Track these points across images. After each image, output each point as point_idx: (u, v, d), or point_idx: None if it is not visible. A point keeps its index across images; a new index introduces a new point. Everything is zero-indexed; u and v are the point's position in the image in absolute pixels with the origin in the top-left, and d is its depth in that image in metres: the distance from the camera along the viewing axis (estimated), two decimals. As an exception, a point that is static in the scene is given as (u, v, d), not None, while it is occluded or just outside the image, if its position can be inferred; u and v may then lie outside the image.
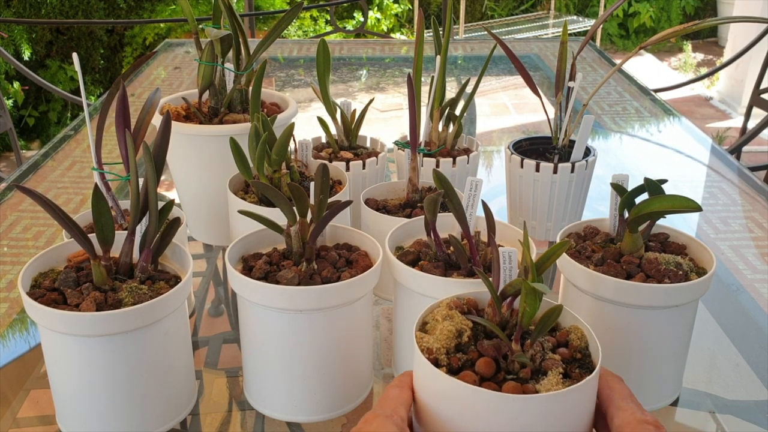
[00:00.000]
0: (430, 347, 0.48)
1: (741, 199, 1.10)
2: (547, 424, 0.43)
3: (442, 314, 0.50)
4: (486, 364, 0.47)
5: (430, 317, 0.51)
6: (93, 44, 3.66)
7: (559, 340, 0.51)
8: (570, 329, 0.51)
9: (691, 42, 4.87)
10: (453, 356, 0.48)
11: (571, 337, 0.51)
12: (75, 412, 0.59)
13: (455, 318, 0.50)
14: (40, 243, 0.93)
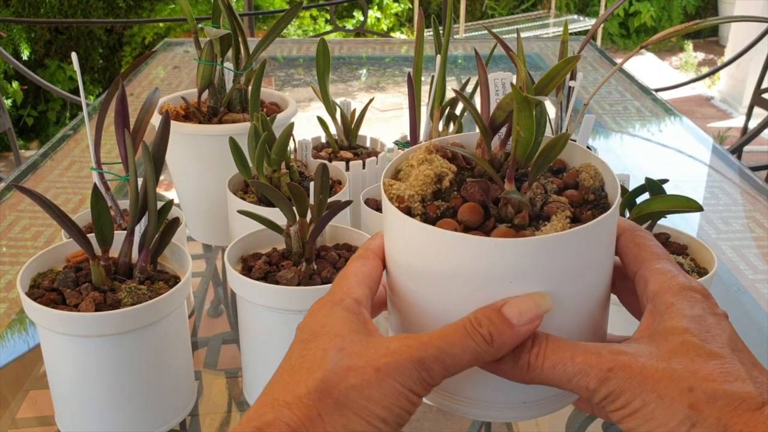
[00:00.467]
0: (401, 195, 0.39)
1: (742, 199, 1.09)
2: (550, 280, 0.34)
3: (419, 158, 0.41)
4: (471, 210, 0.37)
5: (404, 164, 0.42)
6: (92, 44, 3.66)
7: (566, 181, 0.41)
8: (581, 168, 0.41)
9: (692, 41, 4.87)
10: (430, 204, 0.39)
11: (582, 176, 0.41)
12: (74, 413, 0.58)
13: (435, 162, 0.41)
14: (38, 243, 0.93)
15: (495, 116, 0.39)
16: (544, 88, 0.38)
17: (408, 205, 0.38)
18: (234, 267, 0.60)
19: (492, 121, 0.39)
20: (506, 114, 0.38)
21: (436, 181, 0.39)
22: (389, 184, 0.40)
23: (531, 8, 4.84)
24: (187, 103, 0.87)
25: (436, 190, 0.39)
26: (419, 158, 0.41)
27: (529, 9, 4.83)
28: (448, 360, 0.32)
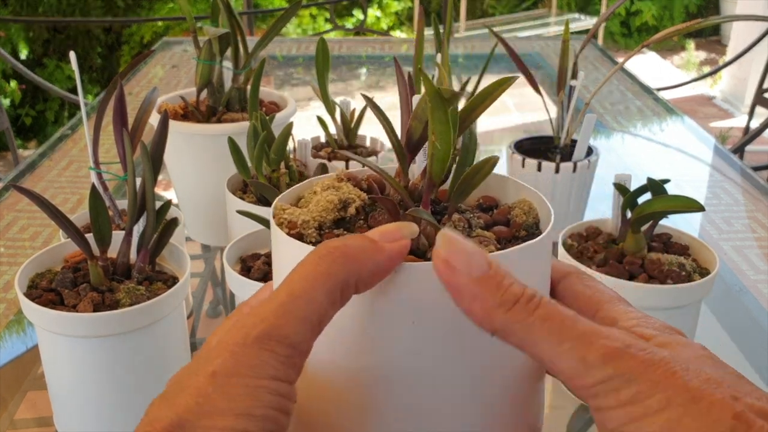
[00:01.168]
0: (293, 220, 0.33)
1: (744, 199, 1.09)
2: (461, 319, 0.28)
3: (324, 185, 0.35)
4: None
5: (307, 191, 0.36)
6: (90, 43, 3.66)
7: (496, 219, 0.36)
8: (514, 204, 0.36)
9: (693, 40, 4.86)
10: (328, 232, 0.33)
11: (514, 213, 0.36)
12: (72, 414, 0.58)
13: (343, 188, 0.35)
14: (37, 243, 0.93)
15: (411, 129, 0.33)
16: (472, 112, 0.33)
17: (300, 232, 0.33)
18: (233, 267, 0.60)
19: (409, 137, 0.33)
20: (423, 124, 0.32)
21: (340, 207, 0.34)
22: (281, 208, 0.34)
23: (532, 7, 4.84)
24: (185, 103, 0.86)
25: (339, 217, 0.34)
26: (325, 185, 0.35)
27: (530, 8, 4.83)
28: (302, 311, 0.25)
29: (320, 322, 0.26)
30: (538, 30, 4.28)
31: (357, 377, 0.29)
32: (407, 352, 0.29)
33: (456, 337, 0.29)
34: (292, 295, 0.25)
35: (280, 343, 0.25)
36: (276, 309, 0.25)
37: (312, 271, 0.26)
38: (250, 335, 0.25)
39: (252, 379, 0.24)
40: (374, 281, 0.27)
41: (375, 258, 0.26)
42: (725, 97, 3.93)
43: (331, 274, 0.26)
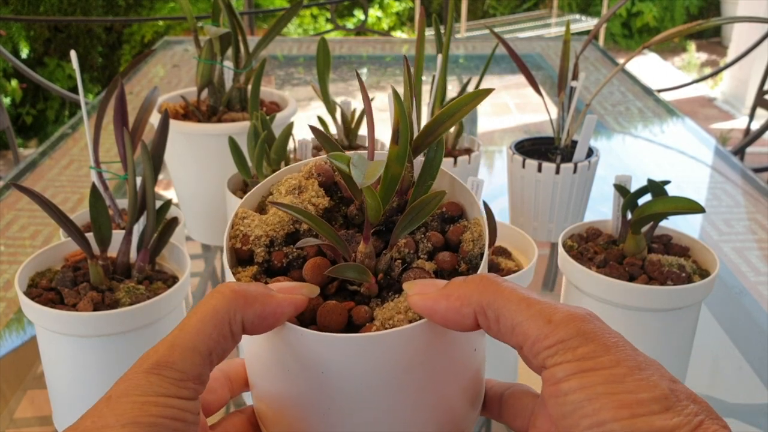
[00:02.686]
0: (248, 234, 0.33)
1: (744, 200, 1.09)
2: (370, 380, 0.30)
3: (290, 185, 0.34)
4: (314, 269, 0.32)
5: (275, 188, 0.35)
6: (91, 42, 3.66)
7: (449, 238, 0.35)
8: (471, 224, 0.35)
9: (694, 42, 4.86)
10: (278, 250, 0.33)
11: (465, 236, 0.34)
12: (71, 413, 0.58)
13: (308, 191, 0.34)
14: (37, 242, 0.93)
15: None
16: (440, 126, 0.33)
17: (251, 248, 0.33)
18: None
19: None
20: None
21: (296, 220, 0.33)
22: (242, 216, 0.33)
23: (533, 8, 4.84)
24: (186, 102, 0.86)
25: (293, 231, 0.33)
26: (291, 185, 0.34)
27: (531, 8, 4.83)
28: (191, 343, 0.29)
29: (210, 353, 0.29)
30: (539, 31, 4.28)
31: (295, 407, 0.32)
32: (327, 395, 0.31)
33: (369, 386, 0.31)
34: (183, 330, 0.29)
35: (169, 369, 0.28)
36: (168, 342, 0.29)
37: (203, 308, 0.29)
38: (142, 366, 0.29)
39: (139, 397, 0.28)
40: (263, 324, 0.30)
41: (264, 302, 0.30)
42: (726, 98, 3.93)
43: (219, 310, 0.29)
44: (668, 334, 0.61)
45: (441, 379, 0.32)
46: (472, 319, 0.30)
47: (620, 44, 4.93)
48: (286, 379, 0.31)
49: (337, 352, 0.29)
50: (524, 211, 0.89)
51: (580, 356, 0.28)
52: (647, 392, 0.27)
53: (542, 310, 0.29)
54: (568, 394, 0.28)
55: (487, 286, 0.30)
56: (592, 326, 0.29)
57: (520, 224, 0.90)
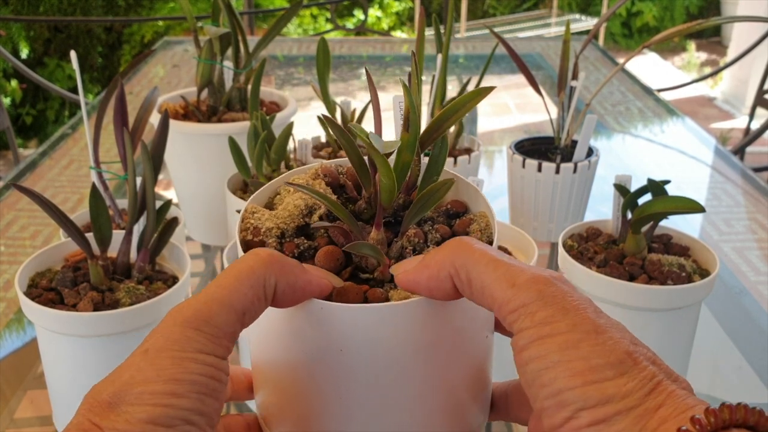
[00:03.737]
0: (258, 226, 0.34)
1: (744, 200, 1.09)
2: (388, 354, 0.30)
3: (301, 183, 0.35)
4: (327, 255, 0.33)
5: (283, 188, 0.37)
6: (91, 42, 3.66)
7: (456, 231, 0.36)
8: (476, 217, 0.36)
9: (694, 41, 4.86)
10: (289, 242, 0.34)
11: (472, 227, 0.36)
12: (72, 413, 0.58)
13: (315, 189, 0.35)
14: (37, 242, 0.93)
15: (371, 156, 0.34)
16: (445, 122, 0.34)
17: (263, 239, 0.34)
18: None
19: (371, 160, 0.34)
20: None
21: (306, 213, 0.34)
22: (252, 210, 0.34)
23: (533, 7, 4.84)
24: (186, 102, 0.86)
25: (303, 224, 0.34)
26: (301, 183, 0.35)
27: (531, 8, 4.83)
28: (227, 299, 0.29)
29: (244, 313, 0.29)
30: (539, 31, 4.28)
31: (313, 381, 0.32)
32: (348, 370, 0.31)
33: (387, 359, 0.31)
34: (220, 286, 0.29)
35: (206, 324, 0.28)
36: (203, 297, 0.29)
37: (240, 266, 0.29)
38: (178, 319, 0.28)
39: (177, 352, 0.28)
40: (293, 295, 0.30)
41: (298, 274, 0.30)
42: (726, 98, 3.92)
43: (256, 271, 0.29)
44: (668, 334, 0.61)
45: (455, 359, 0.32)
46: (450, 283, 0.30)
47: (620, 44, 4.93)
48: (302, 360, 0.31)
49: (360, 323, 0.29)
50: (524, 211, 0.89)
51: (539, 321, 0.27)
52: (601, 357, 0.26)
53: (507, 272, 0.28)
54: (528, 363, 0.27)
55: (460, 247, 0.30)
56: (553, 289, 0.28)
57: (520, 224, 0.90)
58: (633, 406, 0.25)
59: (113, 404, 0.27)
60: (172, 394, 0.27)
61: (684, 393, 0.26)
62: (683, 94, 3.85)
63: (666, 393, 0.26)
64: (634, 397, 0.25)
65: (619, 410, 0.25)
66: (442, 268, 0.30)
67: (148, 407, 0.27)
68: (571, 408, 0.26)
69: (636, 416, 0.25)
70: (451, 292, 0.30)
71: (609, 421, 0.25)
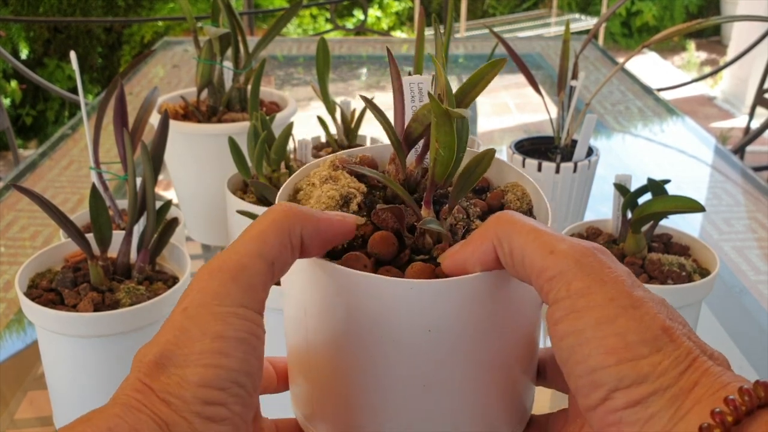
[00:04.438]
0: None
1: (744, 199, 1.09)
2: (475, 330, 0.30)
3: (322, 176, 0.35)
4: (383, 241, 0.32)
5: (304, 182, 0.36)
6: (91, 43, 3.66)
7: (490, 203, 0.36)
8: (507, 188, 0.37)
9: (694, 41, 4.86)
10: None
11: (507, 198, 0.36)
12: (72, 413, 0.58)
13: (341, 180, 0.35)
14: (37, 243, 0.93)
15: (411, 129, 0.34)
16: (465, 96, 0.34)
17: None
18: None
19: (407, 135, 0.34)
20: (423, 127, 0.33)
21: (342, 204, 0.34)
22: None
23: (532, 7, 4.84)
24: (186, 103, 0.86)
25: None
26: (322, 176, 0.35)
27: (531, 8, 4.83)
28: (257, 249, 0.29)
29: (273, 263, 0.29)
30: (539, 30, 4.27)
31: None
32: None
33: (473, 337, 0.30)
34: (245, 240, 0.29)
35: (241, 272, 0.28)
36: (234, 248, 0.29)
37: (262, 221, 0.29)
38: (213, 270, 0.28)
39: (219, 307, 0.27)
40: (319, 240, 0.30)
41: (318, 218, 0.30)
42: (726, 97, 3.92)
43: (278, 221, 0.29)
44: (668, 333, 0.61)
45: (510, 334, 0.31)
46: (494, 255, 0.29)
47: (620, 43, 4.93)
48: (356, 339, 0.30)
49: (423, 300, 0.29)
50: (524, 211, 0.89)
51: (575, 292, 0.26)
52: (637, 334, 0.25)
53: (548, 240, 0.28)
54: (563, 338, 0.27)
55: (502, 219, 0.29)
56: (591, 259, 0.27)
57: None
58: (668, 386, 0.25)
59: (161, 365, 0.26)
60: (220, 352, 0.26)
61: (720, 370, 0.25)
62: (683, 93, 3.84)
63: (701, 370, 0.25)
64: (670, 375, 0.25)
65: (655, 390, 0.25)
66: (485, 240, 0.29)
67: (199, 368, 0.26)
68: (606, 388, 0.25)
69: (671, 396, 0.25)
70: (494, 264, 0.29)
71: (644, 402, 0.25)
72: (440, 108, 0.29)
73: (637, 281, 0.27)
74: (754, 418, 0.24)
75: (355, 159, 0.37)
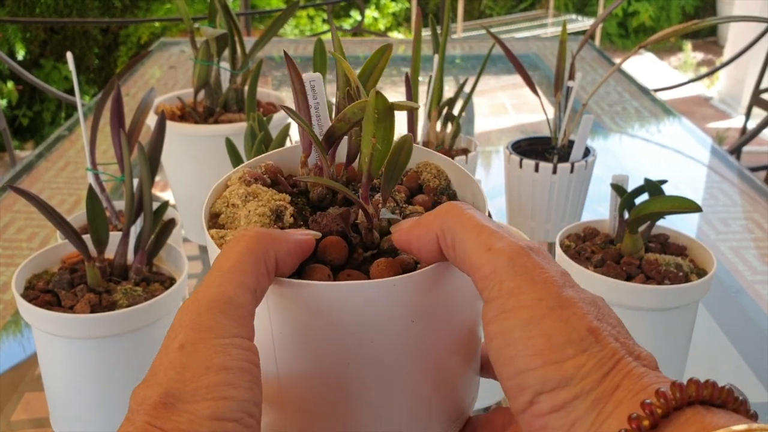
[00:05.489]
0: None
1: (741, 199, 1.09)
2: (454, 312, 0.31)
3: (240, 194, 0.34)
4: (336, 246, 0.32)
5: (220, 204, 0.35)
6: (87, 43, 3.65)
7: (409, 186, 0.37)
8: (420, 168, 0.38)
9: (690, 41, 4.87)
10: None
11: (424, 177, 0.37)
12: (69, 415, 0.58)
13: (262, 195, 0.34)
14: (34, 244, 0.93)
15: (335, 129, 0.33)
16: (364, 87, 0.35)
17: None
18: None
19: (330, 134, 0.34)
20: (349, 125, 0.33)
21: (275, 218, 0.33)
22: (219, 236, 0.33)
23: (529, 8, 4.84)
24: (183, 103, 0.86)
25: (277, 228, 0.33)
26: (240, 194, 0.34)
27: (527, 9, 4.83)
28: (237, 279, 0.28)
29: (255, 290, 0.28)
30: (536, 31, 4.28)
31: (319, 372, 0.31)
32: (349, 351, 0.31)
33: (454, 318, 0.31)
34: (224, 270, 0.28)
35: (229, 305, 0.27)
36: (215, 281, 0.28)
37: (236, 248, 0.29)
38: (201, 306, 0.27)
39: (216, 339, 0.27)
40: (290, 260, 0.30)
41: (286, 240, 0.30)
42: (722, 98, 3.93)
43: (252, 249, 0.29)
44: (666, 334, 0.61)
45: (446, 327, 0.31)
46: (437, 245, 0.29)
47: (616, 44, 4.94)
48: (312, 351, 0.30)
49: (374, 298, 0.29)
50: (521, 211, 0.89)
51: (506, 292, 0.26)
52: (563, 335, 0.25)
53: (487, 237, 0.28)
54: (493, 339, 0.26)
55: (449, 211, 0.29)
56: (524, 259, 0.27)
57: (518, 224, 0.90)
58: (591, 389, 0.24)
59: (169, 405, 0.26)
60: (228, 384, 0.26)
61: (643, 371, 0.25)
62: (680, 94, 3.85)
63: (624, 372, 0.25)
64: (593, 377, 0.24)
65: (577, 394, 0.24)
66: (431, 229, 0.29)
67: (209, 402, 0.25)
68: (531, 391, 0.25)
69: (593, 400, 0.24)
70: (437, 254, 0.29)
71: (567, 407, 0.25)
72: (386, 104, 0.30)
73: (570, 281, 0.27)
74: (670, 421, 0.23)
75: (260, 169, 0.37)
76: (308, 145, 0.36)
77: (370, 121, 0.30)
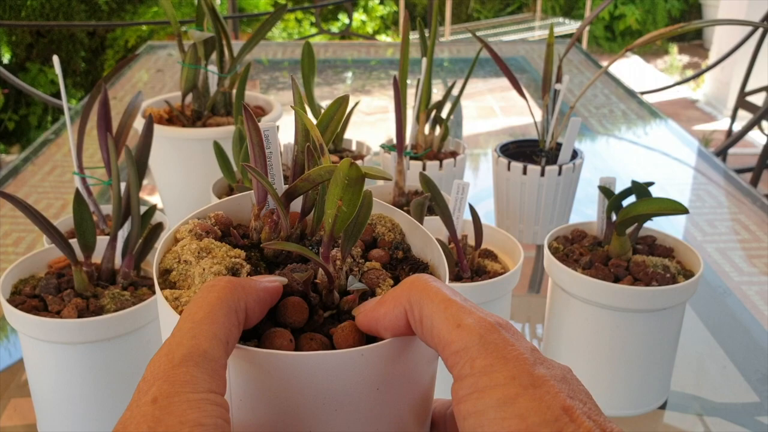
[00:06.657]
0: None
1: (727, 201, 1.10)
2: (419, 378, 0.32)
3: (192, 250, 0.33)
4: (296, 308, 0.31)
5: (170, 260, 0.34)
6: (74, 47, 3.63)
7: (364, 239, 0.37)
8: (374, 221, 0.37)
9: (677, 44, 4.90)
10: None
11: (378, 230, 0.36)
12: (56, 421, 0.57)
13: (216, 251, 0.33)
14: (20, 249, 0.92)
15: (296, 188, 0.33)
16: (323, 132, 0.35)
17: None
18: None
19: (290, 193, 0.33)
20: (311, 185, 0.33)
21: (233, 272, 0.33)
22: (173, 297, 0.32)
23: (516, 11, 4.86)
24: (170, 107, 0.86)
25: None
26: (192, 250, 0.33)
27: (515, 12, 4.85)
28: (210, 331, 0.28)
29: (227, 342, 0.28)
30: (523, 34, 4.30)
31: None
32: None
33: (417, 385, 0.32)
34: (196, 321, 0.28)
35: (203, 358, 0.27)
36: (188, 333, 0.28)
37: (207, 299, 0.29)
38: (175, 359, 0.27)
39: (191, 394, 0.26)
40: (259, 309, 0.30)
41: (255, 288, 0.30)
42: (708, 100, 3.96)
43: (224, 299, 0.29)
44: (653, 335, 0.61)
45: (405, 394, 0.31)
46: (405, 320, 0.29)
47: (603, 47, 4.97)
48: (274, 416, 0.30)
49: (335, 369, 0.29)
50: (510, 214, 0.90)
51: (478, 370, 0.26)
52: (537, 415, 0.25)
53: (456, 313, 0.27)
54: (466, 418, 0.26)
55: (416, 284, 0.29)
56: (495, 336, 0.27)
57: (506, 227, 0.90)
58: None
59: None
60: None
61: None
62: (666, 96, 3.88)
63: None
64: None
65: None
66: (397, 304, 0.29)
67: None
68: None
69: None
70: (404, 330, 0.29)
71: None
72: (359, 173, 0.29)
73: (540, 357, 0.27)
74: None
75: (210, 221, 0.36)
76: (263, 198, 0.35)
77: (339, 185, 0.30)
